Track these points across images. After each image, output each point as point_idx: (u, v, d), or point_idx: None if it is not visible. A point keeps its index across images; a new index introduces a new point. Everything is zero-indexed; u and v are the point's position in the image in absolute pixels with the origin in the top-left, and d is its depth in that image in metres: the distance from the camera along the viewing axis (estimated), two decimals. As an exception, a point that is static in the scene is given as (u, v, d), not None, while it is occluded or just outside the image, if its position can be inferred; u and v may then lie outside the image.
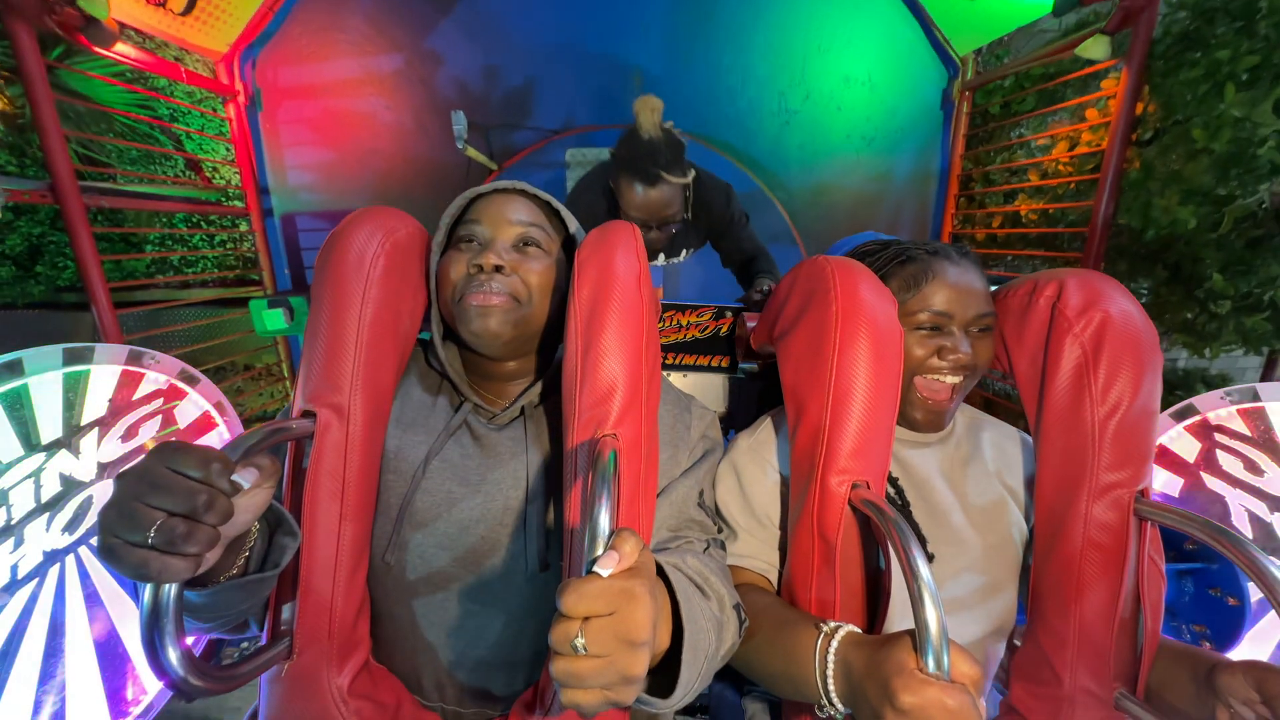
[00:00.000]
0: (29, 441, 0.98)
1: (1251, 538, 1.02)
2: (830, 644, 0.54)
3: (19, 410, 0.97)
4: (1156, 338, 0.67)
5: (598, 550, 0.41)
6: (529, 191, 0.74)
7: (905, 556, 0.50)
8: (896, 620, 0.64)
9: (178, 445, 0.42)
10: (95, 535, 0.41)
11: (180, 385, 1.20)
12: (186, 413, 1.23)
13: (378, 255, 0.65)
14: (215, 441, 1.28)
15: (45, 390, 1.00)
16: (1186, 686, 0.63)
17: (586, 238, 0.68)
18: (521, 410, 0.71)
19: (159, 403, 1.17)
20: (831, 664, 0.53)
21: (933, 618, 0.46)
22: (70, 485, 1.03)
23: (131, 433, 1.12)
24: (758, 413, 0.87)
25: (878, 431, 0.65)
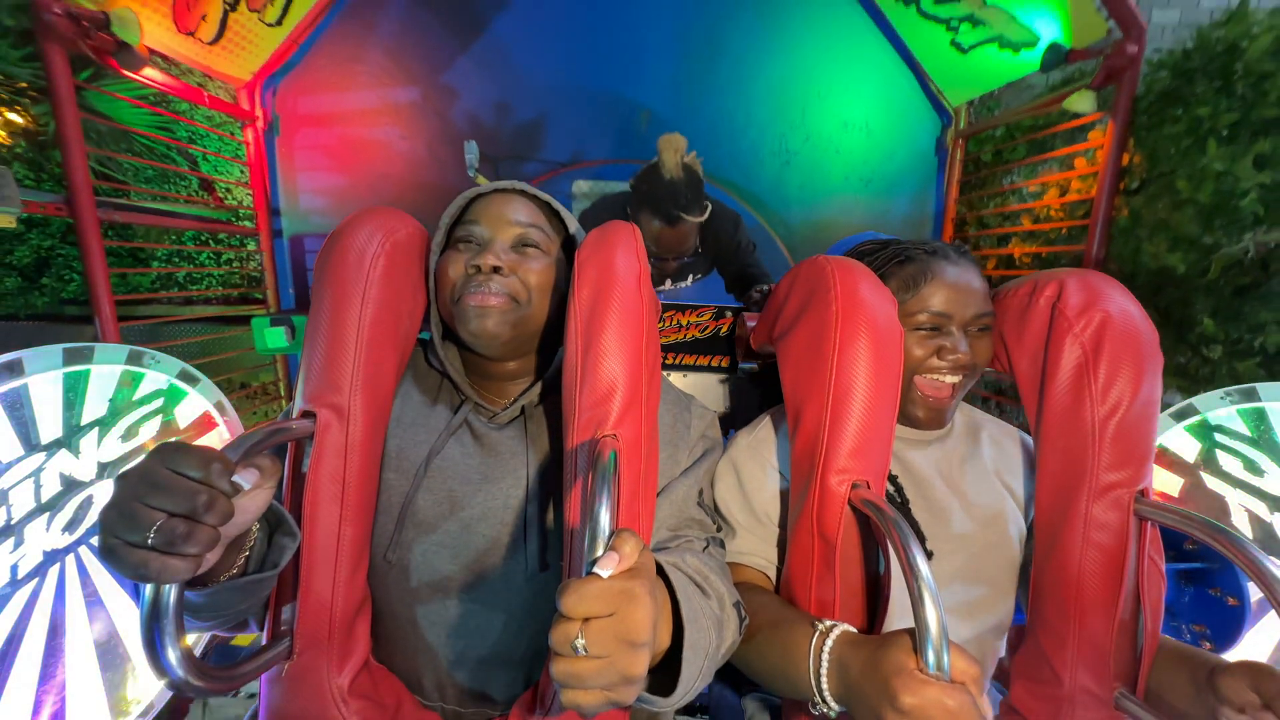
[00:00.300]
0: (29, 441, 0.97)
1: (1251, 538, 1.01)
2: (825, 642, 0.54)
3: (19, 410, 0.96)
4: (1156, 338, 0.67)
5: (598, 550, 0.41)
6: (528, 192, 0.73)
7: (905, 556, 0.50)
8: (896, 620, 0.64)
9: (178, 445, 0.42)
10: (95, 535, 0.41)
11: (181, 385, 1.20)
12: (186, 413, 1.22)
13: (378, 255, 0.64)
14: (215, 441, 1.28)
15: (45, 390, 1.00)
16: (1186, 689, 0.62)
17: (586, 238, 0.68)
18: (521, 410, 0.71)
19: (159, 403, 1.17)
20: (826, 662, 0.53)
21: (932, 617, 0.46)
22: (70, 485, 1.02)
23: (131, 433, 1.12)
24: (758, 413, 0.86)
25: (878, 431, 0.65)
